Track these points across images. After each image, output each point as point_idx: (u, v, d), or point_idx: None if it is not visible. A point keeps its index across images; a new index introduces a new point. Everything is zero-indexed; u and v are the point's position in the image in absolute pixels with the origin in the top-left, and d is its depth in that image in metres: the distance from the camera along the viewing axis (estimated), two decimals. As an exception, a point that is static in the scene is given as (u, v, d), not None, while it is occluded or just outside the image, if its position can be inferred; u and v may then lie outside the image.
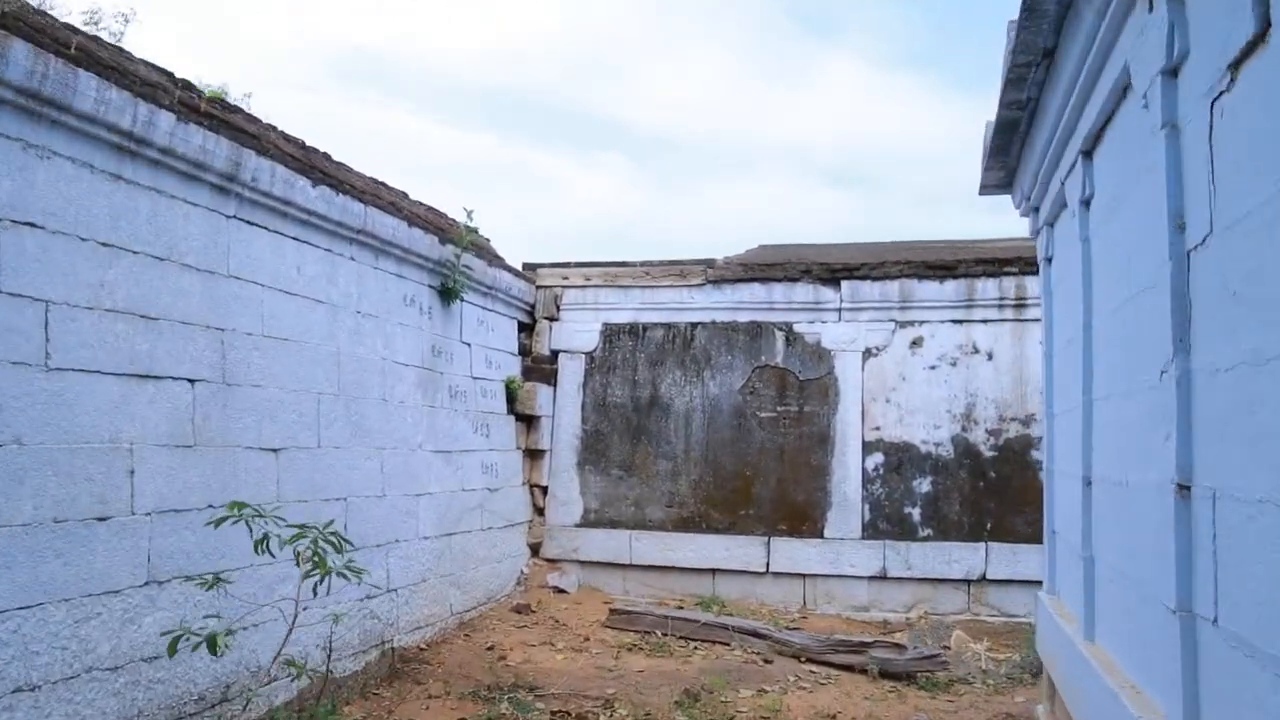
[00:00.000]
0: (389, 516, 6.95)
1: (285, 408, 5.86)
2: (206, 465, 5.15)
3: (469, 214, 7.99)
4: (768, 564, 8.97)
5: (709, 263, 9.51)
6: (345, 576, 4.67)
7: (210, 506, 5.16)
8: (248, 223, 5.63)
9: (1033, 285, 8.63)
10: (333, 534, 4.54)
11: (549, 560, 9.51)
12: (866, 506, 8.91)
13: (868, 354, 9.12)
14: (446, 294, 7.99)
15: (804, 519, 8.99)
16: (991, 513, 8.75)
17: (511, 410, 9.31)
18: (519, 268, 9.69)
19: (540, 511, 9.64)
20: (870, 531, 8.88)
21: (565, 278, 9.82)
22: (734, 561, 9.04)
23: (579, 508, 9.52)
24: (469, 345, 8.48)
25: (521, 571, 9.26)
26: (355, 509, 6.53)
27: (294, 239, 6.05)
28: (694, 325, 9.50)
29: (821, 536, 8.93)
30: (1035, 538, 6.83)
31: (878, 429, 9.00)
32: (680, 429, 9.36)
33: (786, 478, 9.08)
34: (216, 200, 5.37)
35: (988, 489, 8.78)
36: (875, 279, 9.12)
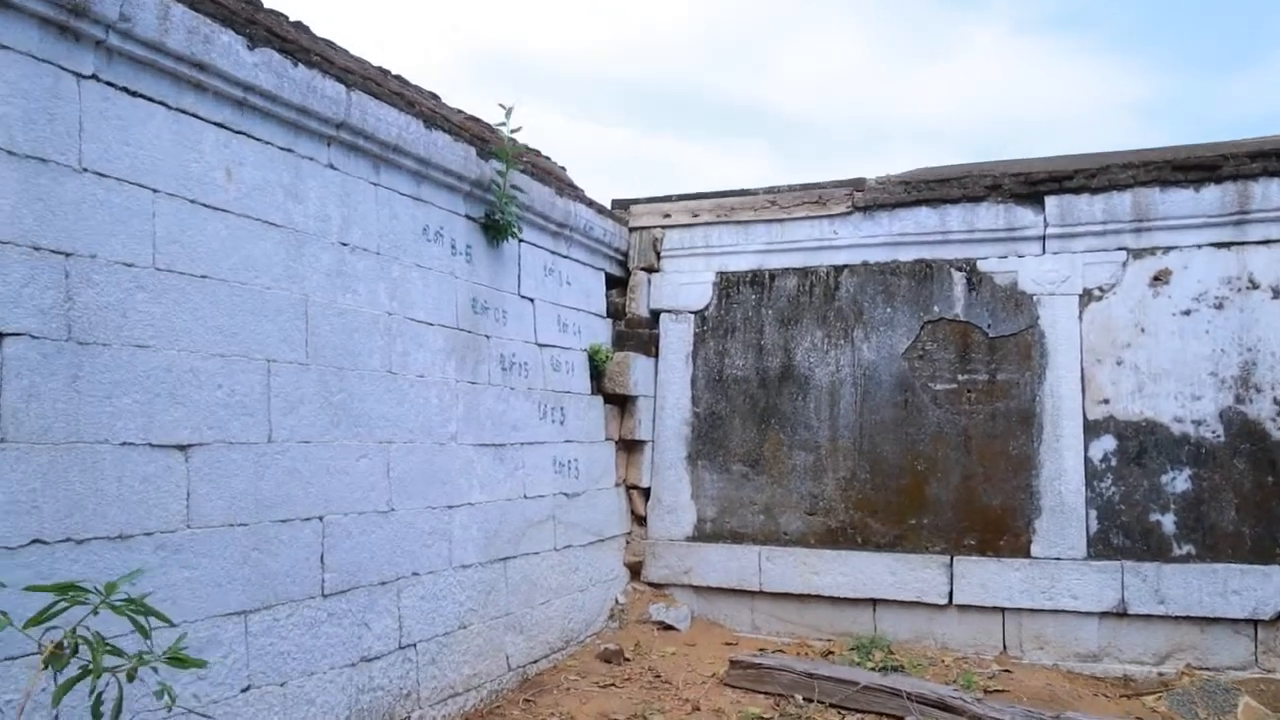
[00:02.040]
0: (400, 540, 4.84)
1: (202, 381, 3.80)
2: (25, 471, 3.12)
3: (507, 112, 5.77)
4: (950, 593, 6.46)
5: (856, 184, 7.03)
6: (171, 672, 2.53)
7: (38, 542, 3.14)
8: (124, 90, 3.59)
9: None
10: (131, 604, 2.40)
11: (653, 585, 7.25)
12: (1092, 513, 6.29)
13: (1087, 297, 6.47)
14: (494, 230, 5.83)
15: (1001, 530, 6.44)
16: (1287, 521, 6.00)
17: (598, 389, 7.11)
18: (606, 205, 7.46)
19: (640, 521, 7.40)
20: (1099, 548, 6.25)
21: (666, 215, 7.53)
22: (902, 589, 6.56)
23: (690, 516, 7.24)
24: (531, 301, 6.30)
25: (616, 601, 7.05)
26: (339, 532, 4.44)
27: (219, 126, 3.98)
28: (838, 270, 7.05)
29: (1027, 555, 6.35)
30: None
31: (1105, 402, 6.35)
32: (823, 409, 6.94)
33: (974, 473, 6.53)
34: (55, 45, 3.33)
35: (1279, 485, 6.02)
36: (1096, 191, 6.45)
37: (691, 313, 7.42)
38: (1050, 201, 6.53)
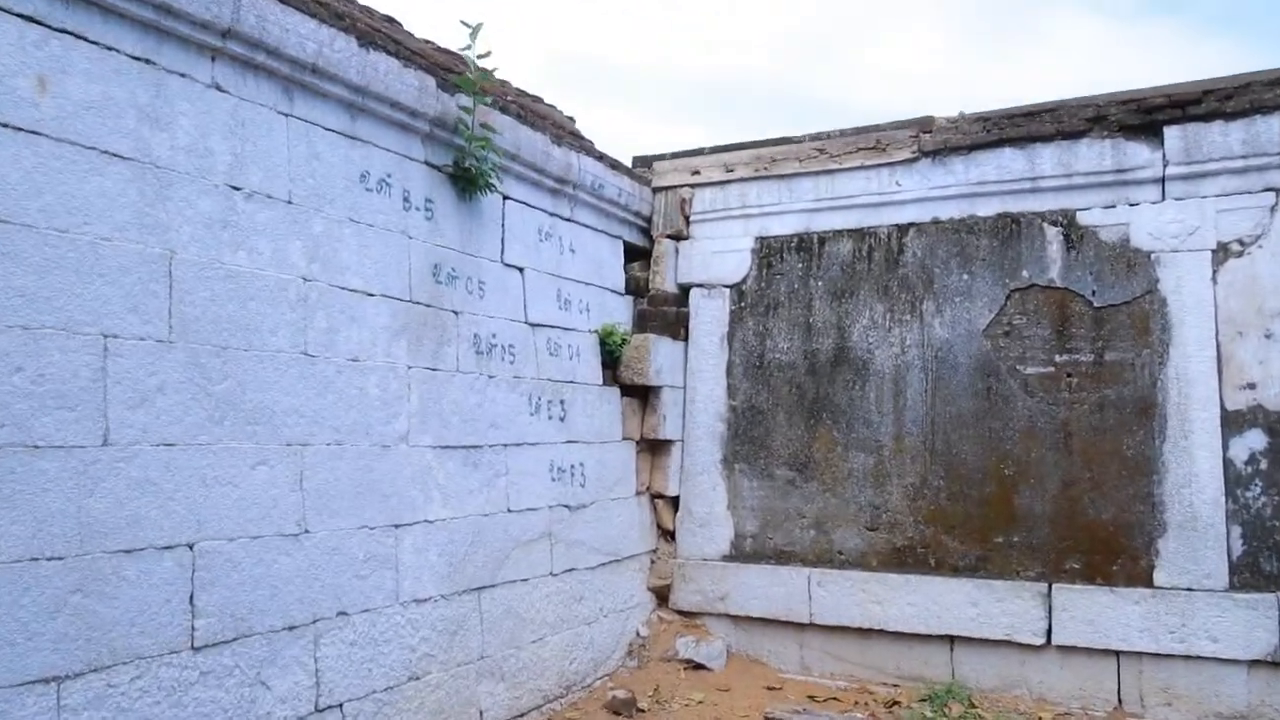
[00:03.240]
0: (319, 570, 3.76)
1: (-16, 362, 2.77)
2: None
3: (472, 31, 4.61)
4: (1048, 630, 5.12)
5: (922, 124, 5.73)
6: None
7: None
8: None
9: None
10: None
11: (683, 614, 6.06)
12: (1235, 530, 4.88)
13: (1223, 253, 5.06)
14: (465, 181, 4.73)
15: (1113, 551, 5.07)
16: None
17: (614, 379, 5.95)
18: (628, 164, 6.31)
19: (669, 536, 6.22)
20: (1245, 576, 4.85)
21: (695, 172, 6.33)
22: (987, 624, 5.24)
23: (726, 530, 6.02)
24: (520, 271, 5.18)
25: (636, 634, 5.88)
26: (220, 563, 3.37)
27: (24, 19, 2.95)
28: (902, 229, 5.76)
29: (1148, 584, 4.98)
30: None
31: (1250, 387, 4.93)
32: (886, 400, 5.66)
33: (1077, 478, 5.17)
34: None
35: None
36: (1233, 116, 5.03)
37: (727, 287, 6.20)
38: (1171, 134, 5.13)
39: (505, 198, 5.08)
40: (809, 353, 5.90)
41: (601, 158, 5.86)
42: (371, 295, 4.15)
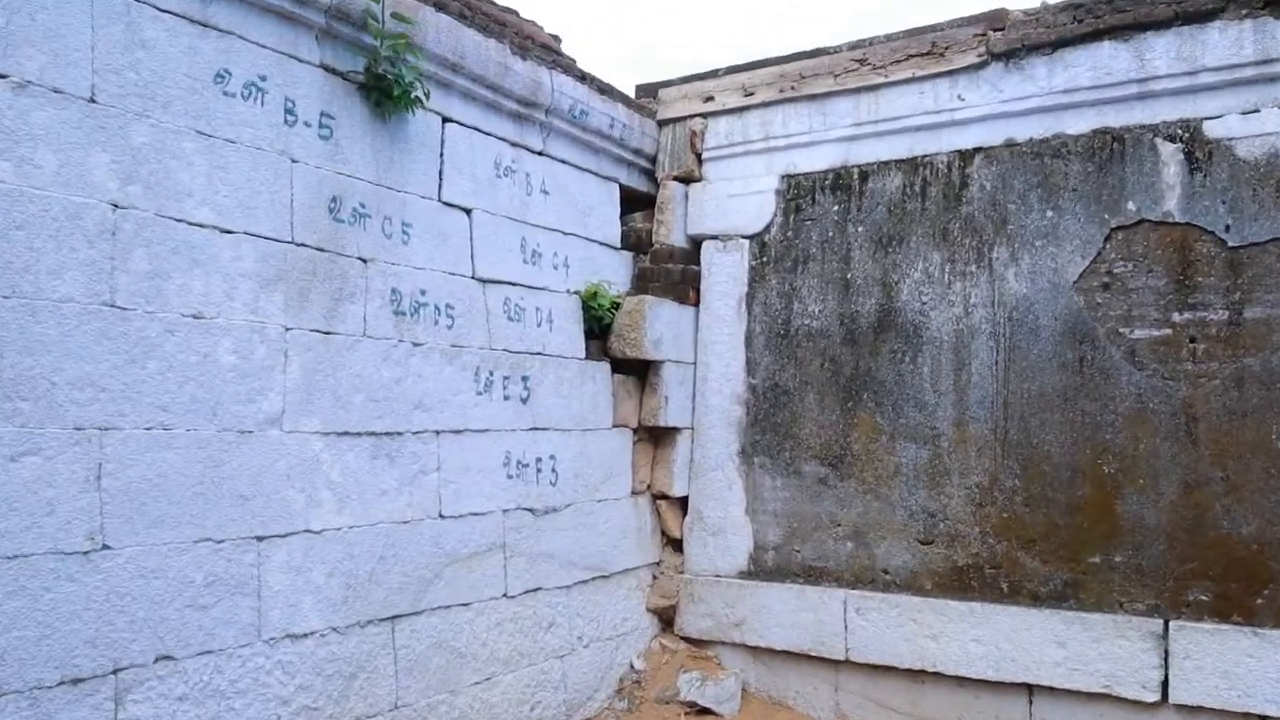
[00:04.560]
0: (128, 600, 2.75)
1: None
2: None
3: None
4: (1164, 683, 3.80)
5: (992, 19, 4.44)
6: None
7: None
8: None
9: None
10: None
11: (691, 641, 4.91)
12: None
13: None
14: (381, 94, 3.66)
15: (1257, 579, 3.73)
16: None
17: (604, 352, 4.83)
18: (629, 93, 5.17)
19: (675, 545, 5.07)
20: None
21: (708, 98, 5.14)
22: (1078, 672, 3.95)
23: (744, 540, 4.84)
24: (466, 213, 4.09)
25: (630, 667, 4.75)
26: (-66, 595, 2.37)
27: None
28: (966, 156, 4.48)
29: (1308, 622, 3.63)
30: None
31: None
32: (944, 375, 4.40)
33: (1205, 479, 3.84)
34: None
35: None
36: None
37: (745, 238, 5.01)
38: (1339, 10, 3.75)
39: (445, 119, 4.00)
40: (846, 317, 4.67)
41: (585, 78, 4.73)
42: (229, 233, 3.11)
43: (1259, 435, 3.74)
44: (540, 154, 4.53)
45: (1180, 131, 4.02)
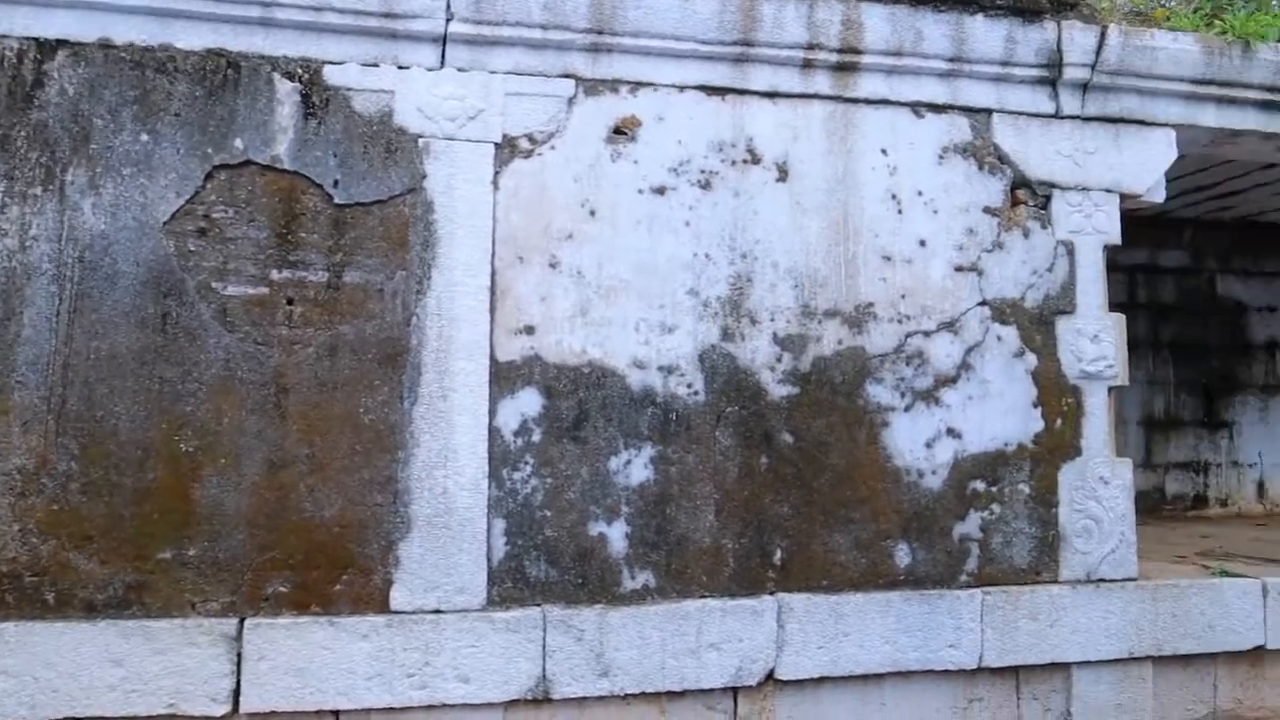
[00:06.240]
0: None
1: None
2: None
3: None
4: (237, 692, 3.31)
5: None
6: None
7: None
8: None
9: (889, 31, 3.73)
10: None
11: None
12: (499, 524, 3.58)
13: (510, 150, 3.73)
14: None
15: (338, 563, 3.44)
16: (785, 526, 3.82)
17: None
18: None
19: None
20: (508, 585, 3.57)
21: None
22: (137, 694, 3.25)
23: None
24: None
25: None
26: None
27: None
28: (46, 47, 3.49)
29: (384, 608, 3.46)
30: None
31: (529, 331, 3.67)
32: (2, 330, 3.35)
33: (292, 456, 3.44)
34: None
35: (777, 470, 3.83)
36: (532, -34, 3.71)
37: None
38: (459, -23, 3.66)
39: None
40: None
41: None
42: None
43: (348, 409, 3.46)
44: None
45: (301, 71, 3.59)
